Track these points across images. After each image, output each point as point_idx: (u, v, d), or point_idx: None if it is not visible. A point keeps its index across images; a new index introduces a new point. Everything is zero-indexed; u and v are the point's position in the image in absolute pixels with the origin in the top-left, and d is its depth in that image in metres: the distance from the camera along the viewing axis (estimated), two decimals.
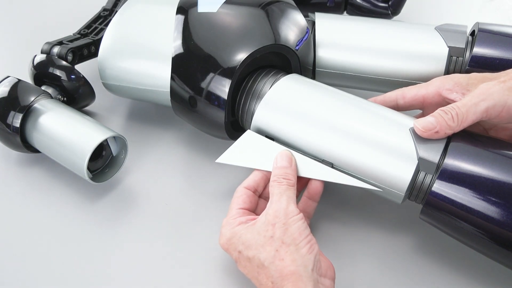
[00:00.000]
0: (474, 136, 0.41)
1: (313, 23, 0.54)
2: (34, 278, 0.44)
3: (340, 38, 0.53)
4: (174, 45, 0.48)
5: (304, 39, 0.50)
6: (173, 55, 0.48)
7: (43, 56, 0.53)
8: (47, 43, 0.55)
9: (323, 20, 0.54)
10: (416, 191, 0.41)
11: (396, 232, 0.48)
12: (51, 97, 0.52)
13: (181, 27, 0.48)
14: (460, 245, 0.42)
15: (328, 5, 0.63)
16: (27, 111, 0.49)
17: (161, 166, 0.54)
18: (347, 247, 0.46)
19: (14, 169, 0.53)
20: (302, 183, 0.44)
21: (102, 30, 0.59)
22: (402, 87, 0.47)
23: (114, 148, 0.51)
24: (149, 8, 0.52)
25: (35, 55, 0.54)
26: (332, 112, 0.43)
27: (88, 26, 0.60)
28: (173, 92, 0.49)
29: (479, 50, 0.49)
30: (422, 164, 0.40)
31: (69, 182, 0.52)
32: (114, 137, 0.49)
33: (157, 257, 0.46)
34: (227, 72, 0.45)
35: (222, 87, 0.46)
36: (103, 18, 0.61)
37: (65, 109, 0.50)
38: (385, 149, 0.41)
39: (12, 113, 0.48)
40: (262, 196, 0.45)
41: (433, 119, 0.40)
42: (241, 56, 0.45)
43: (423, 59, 0.51)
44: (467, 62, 0.49)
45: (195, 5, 0.49)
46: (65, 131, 0.48)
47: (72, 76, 0.52)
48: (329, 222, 0.48)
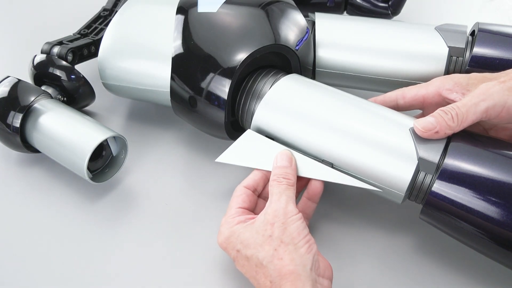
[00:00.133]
0: (474, 136, 0.41)
1: (313, 23, 0.54)
2: (34, 278, 0.44)
3: (340, 38, 0.53)
4: (174, 45, 0.48)
5: (304, 39, 0.50)
6: (173, 55, 0.48)
7: (43, 56, 0.53)
8: (47, 43, 0.55)
9: (323, 20, 0.54)
10: (416, 191, 0.41)
11: (396, 232, 0.47)
12: (51, 97, 0.52)
13: (181, 27, 0.48)
14: (460, 245, 0.42)
15: (328, 5, 0.63)
16: (27, 111, 0.49)
17: (161, 166, 0.54)
18: (347, 247, 0.46)
19: (14, 169, 0.53)
20: (301, 184, 0.44)
21: (102, 30, 0.59)
22: (402, 87, 0.47)
23: (114, 148, 0.51)
24: (149, 8, 0.52)
25: (35, 55, 0.54)
26: (332, 112, 0.43)
27: (88, 26, 0.60)
28: (173, 92, 0.49)
29: (479, 50, 0.49)
30: (422, 164, 0.40)
31: (69, 182, 0.52)
32: (114, 137, 0.49)
33: (157, 257, 0.46)
34: (227, 72, 0.45)
35: (222, 87, 0.46)
36: (103, 18, 0.61)
37: (65, 109, 0.50)
38: (385, 149, 0.41)
39: (12, 113, 0.48)
40: (261, 196, 0.45)
41: (433, 119, 0.40)
42: (241, 56, 0.45)
43: (423, 59, 0.51)
44: (467, 62, 0.49)
45: (195, 5, 0.49)
46: (65, 131, 0.48)
47: (72, 76, 0.52)
48: (328, 222, 0.48)
